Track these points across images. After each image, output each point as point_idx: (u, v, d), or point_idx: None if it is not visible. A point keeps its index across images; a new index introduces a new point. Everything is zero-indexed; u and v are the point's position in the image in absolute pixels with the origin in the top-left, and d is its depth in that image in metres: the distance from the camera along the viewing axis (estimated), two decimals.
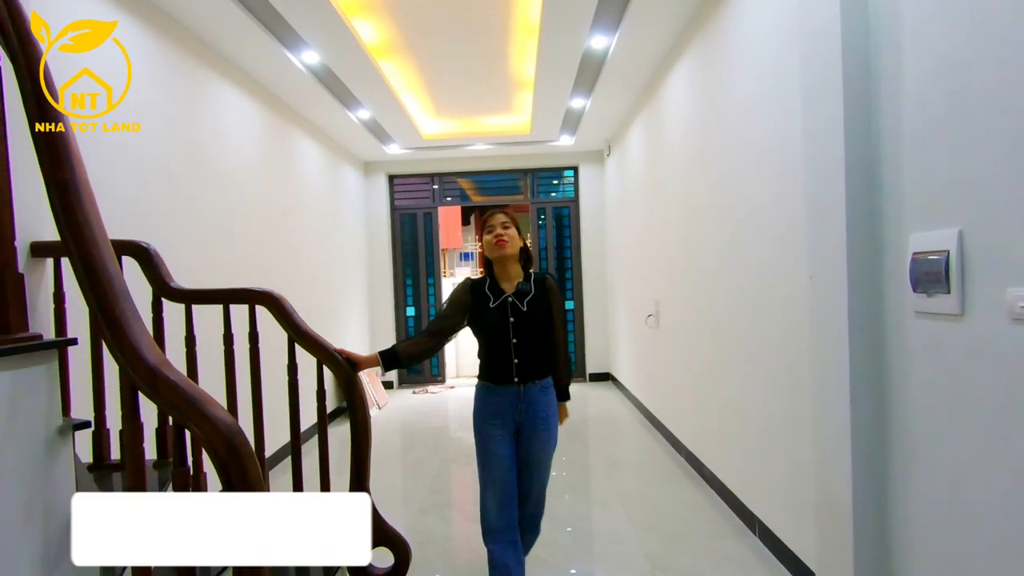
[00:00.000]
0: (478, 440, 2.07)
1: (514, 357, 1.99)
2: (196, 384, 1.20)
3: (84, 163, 1.22)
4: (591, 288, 7.02)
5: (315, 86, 4.22)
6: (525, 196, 7.23)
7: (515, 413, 2.02)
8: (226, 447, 1.09)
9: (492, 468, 2.02)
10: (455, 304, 2.09)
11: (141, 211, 2.82)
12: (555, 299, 2.09)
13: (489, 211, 2.11)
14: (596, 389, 6.61)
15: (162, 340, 2.05)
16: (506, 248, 2.00)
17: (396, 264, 7.21)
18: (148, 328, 2.02)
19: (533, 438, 2.03)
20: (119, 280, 1.17)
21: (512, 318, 2.01)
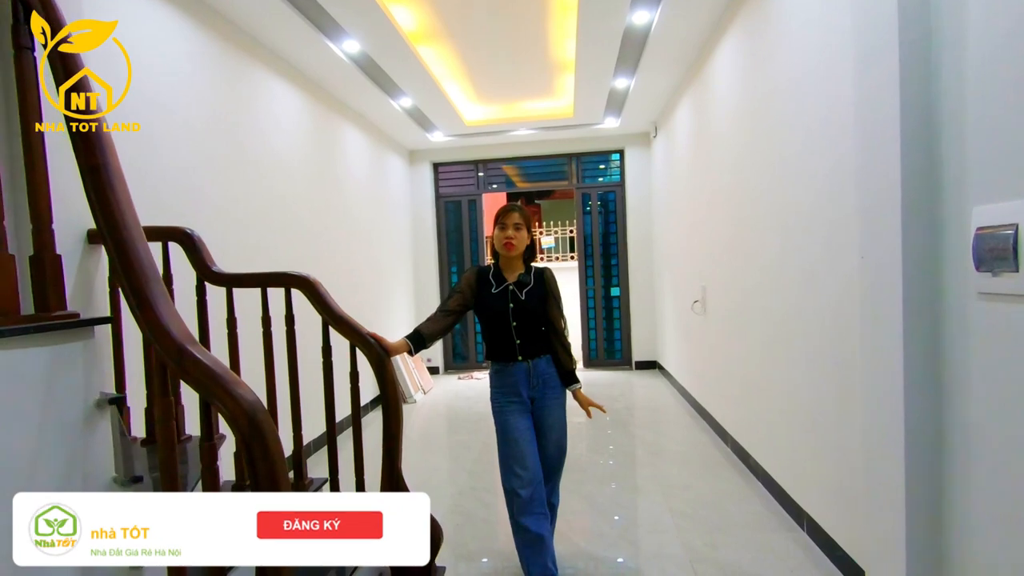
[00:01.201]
0: (498, 419, 2.20)
1: (516, 338, 2.17)
2: (224, 364, 1.23)
3: (116, 151, 1.26)
4: (638, 274, 6.87)
5: (357, 75, 4.28)
6: (570, 181, 7.13)
7: (529, 387, 2.18)
8: (248, 423, 1.11)
9: (516, 444, 2.13)
10: (464, 286, 2.25)
11: (190, 200, 2.95)
12: (552, 292, 2.26)
13: (504, 207, 2.21)
14: (642, 377, 6.49)
15: (205, 322, 2.14)
16: (512, 251, 2.19)
17: (441, 251, 7.29)
18: (192, 310, 2.13)
19: (544, 400, 2.21)
20: (149, 262, 1.22)
21: (512, 304, 2.18)
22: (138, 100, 2.62)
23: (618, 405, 5.30)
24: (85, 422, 1.18)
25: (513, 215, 2.19)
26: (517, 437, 2.14)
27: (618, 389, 6.00)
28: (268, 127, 3.73)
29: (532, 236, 2.26)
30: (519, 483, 2.09)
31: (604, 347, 7.11)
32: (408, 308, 6.78)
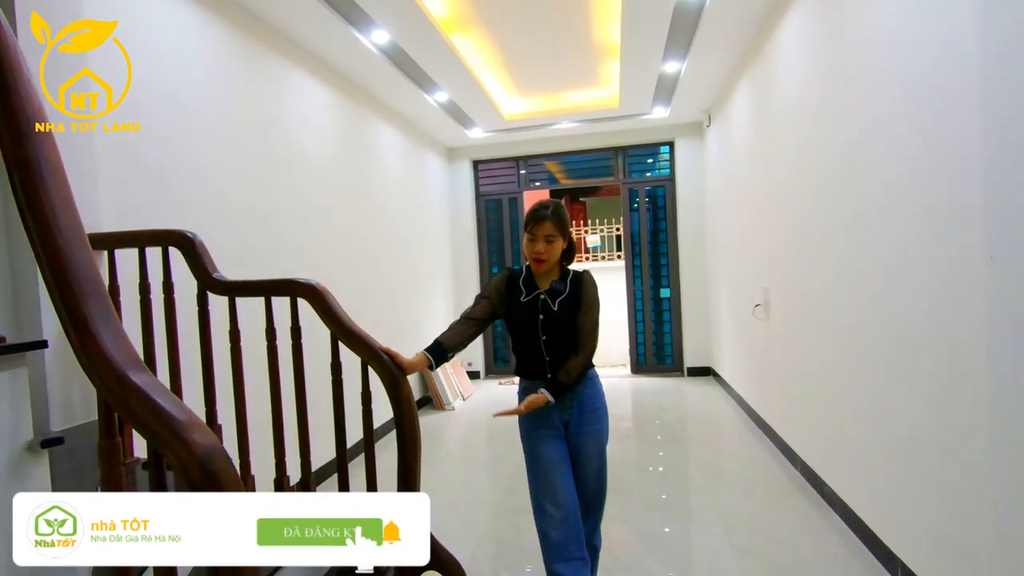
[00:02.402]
0: (526, 446, 1.93)
1: (545, 354, 1.89)
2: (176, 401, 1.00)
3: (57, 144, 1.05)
4: (690, 274, 6.42)
5: (389, 68, 4.08)
6: (616, 177, 6.75)
7: (561, 411, 1.89)
8: (201, 473, 0.89)
9: (546, 475, 1.84)
10: (492, 291, 1.99)
11: (214, 201, 2.80)
12: (587, 299, 1.92)
13: (535, 210, 1.88)
14: (696, 385, 6.05)
15: (208, 335, 1.95)
16: (543, 268, 1.89)
17: (482, 252, 7.06)
18: (193, 322, 1.94)
19: (581, 432, 1.90)
20: (88, 274, 1.00)
21: (542, 315, 1.89)
22: (156, 98, 2.49)
23: (668, 416, 4.91)
24: (11, 471, 0.97)
25: (545, 225, 1.84)
26: (548, 468, 1.84)
27: (668, 398, 5.59)
28: (296, 124, 3.58)
29: (570, 238, 1.94)
30: (551, 523, 1.79)
31: (653, 352, 6.70)
32: (447, 311, 6.58)
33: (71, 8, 1.73)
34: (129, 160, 2.32)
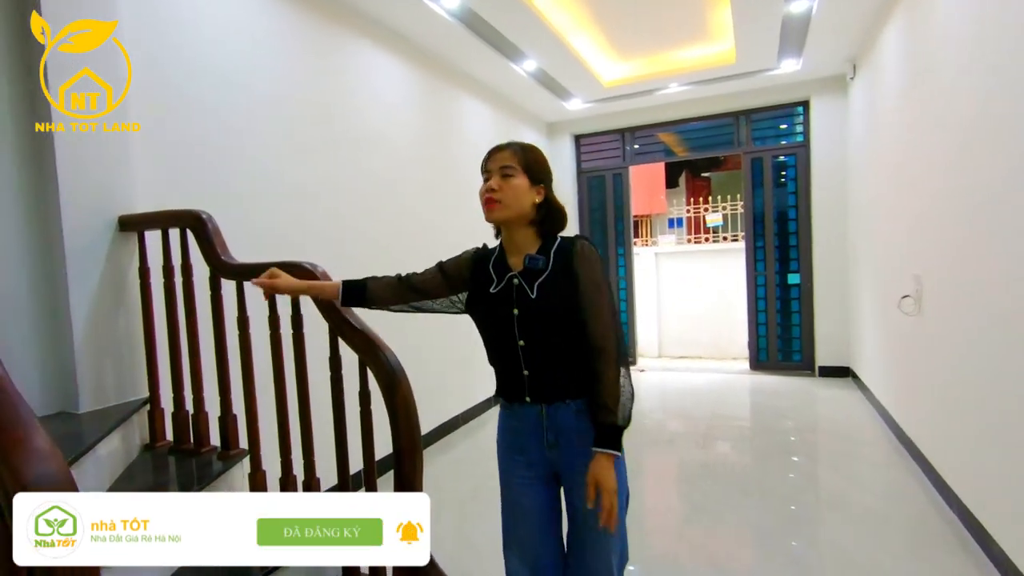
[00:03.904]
0: (500, 479, 1.45)
1: (523, 367, 1.32)
2: (21, 409, 0.83)
3: None
4: (826, 258, 5.45)
5: (465, 36, 3.82)
6: (738, 145, 5.91)
7: (543, 445, 1.34)
8: None
9: (513, 523, 1.39)
10: (451, 267, 1.45)
11: (269, 184, 2.76)
12: (586, 274, 1.31)
13: (491, 148, 1.40)
14: (828, 388, 5.15)
15: (221, 321, 1.85)
16: (496, 211, 1.32)
17: (583, 233, 6.63)
18: (206, 309, 1.84)
19: (573, 483, 1.33)
20: None
21: (516, 309, 1.31)
22: (210, 77, 2.47)
23: (788, 423, 4.19)
24: None
25: (500, 154, 1.35)
26: (520, 517, 1.37)
27: (792, 401, 4.81)
28: (365, 101, 3.46)
29: (548, 189, 1.38)
30: None
31: (778, 347, 5.84)
32: None
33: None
34: (179, 142, 2.31)
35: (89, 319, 1.86)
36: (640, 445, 3.89)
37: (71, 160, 1.81)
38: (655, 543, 2.54)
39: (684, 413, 4.63)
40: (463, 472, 3.50)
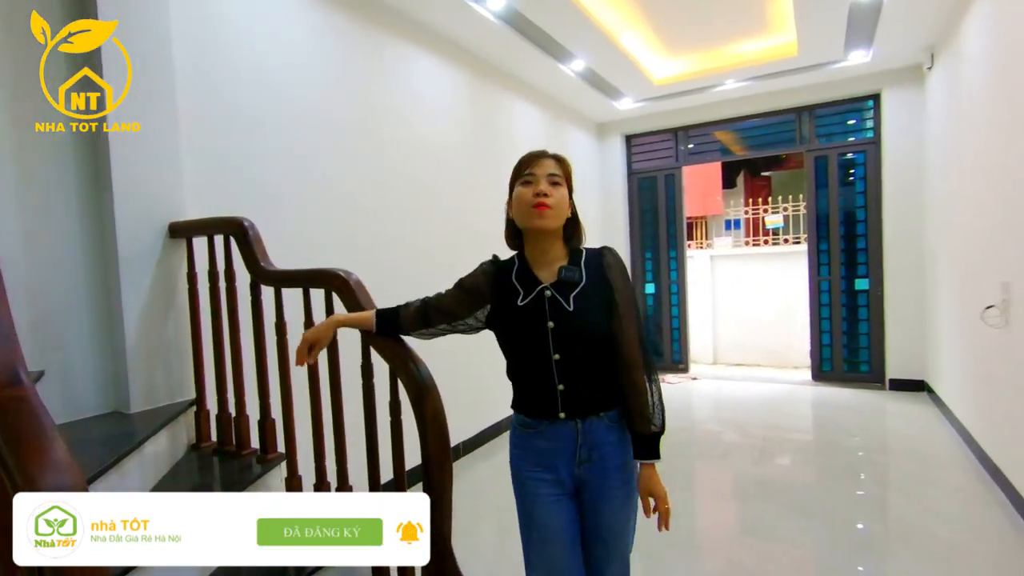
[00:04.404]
0: (517, 495, 1.37)
1: (557, 381, 1.27)
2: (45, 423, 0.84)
3: None
4: (898, 263, 5.07)
5: (511, 36, 3.78)
6: (800, 143, 5.60)
7: (574, 463, 1.30)
8: None
9: (539, 544, 1.31)
10: (472, 293, 1.38)
11: (307, 189, 2.79)
12: (619, 287, 1.31)
13: (527, 155, 1.36)
14: (900, 402, 4.78)
15: (260, 326, 1.88)
16: (547, 218, 1.28)
17: (633, 236, 6.47)
18: (246, 314, 1.87)
19: (604, 499, 1.30)
20: None
21: (551, 322, 1.27)
22: (258, 87, 2.53)
23: (852, 440, 3.90)
24: None
25: (546, 162, 1.32)
26: (546, 538, 1.29)
27: (858, 416, 4.48)
28: (409, 105, 3.47)
29: (573, 204, 1.36)
30: None
31: (843, 357, 5.47)
32: None
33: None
34: (226, 149, 2.38)
35: (141, 323, 1.93)
36: (690, 457, 3.72)
37: (125, 170, 1.89)
38: (704, 563, 2.41)
39: (739, 425, 4.41)
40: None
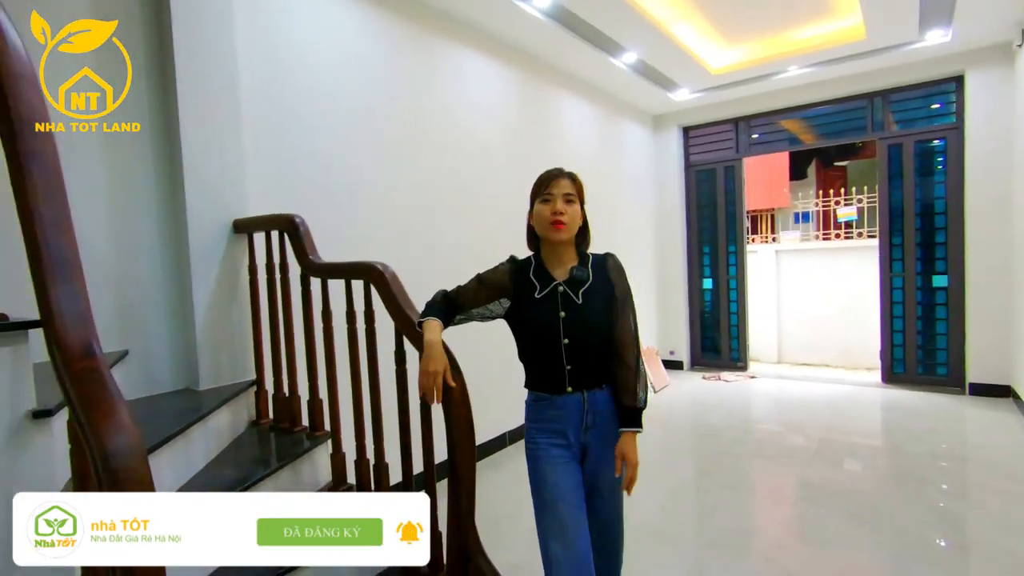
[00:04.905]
0: (531, 466, 1.56)
1: (566, 362, 1.50)
2: (115, 393, 0.99)
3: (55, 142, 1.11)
4: (983, 258, 4.69)
5: (559, 33, 3.80)
6: (870, 130, 5.28)
7: (580, 429, 1.52)
8: (104, 469, 0.87)
9: (554, 506, 1.47)
10: (492, 286, 1.58)
11: (356, 187, 2.92)
12: (619, 284, 1.57)
13: (548, 172, 1.58)
14: (981, 408, 4.43)
15: (310, 315, 2.05)
16: (563, 233, 1.52)
17: (691, 230, 6.33)
18: (296, 303, 2.05)
19: (604, 457, 1.52)
20: (61, 260, 1.04)
21: (563, 312, 1.51)
22: (312, 91, 2.70)
23: (920, 447, 3.67)
24: (11, 435, 1.09)
25: (562, 181, 1.54)
26: (557, 497, 1.47)
27: (931, 421, 4.20)
28: (457, 104, 3.58)
29: (584, 214, 1.59)
30: (557, 568, 1.43)
31: (918, 358, 5.13)
32: (648, 295, 6.09)
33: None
34: (283, 150, 2.57)
35: (209, 310, 2.15)
36: (739, 456, 3.64)
37: (195, 171, 2.11)
38: (741, 561, 2.38)
39: (796, 426, 4.25)
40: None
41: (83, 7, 1.97)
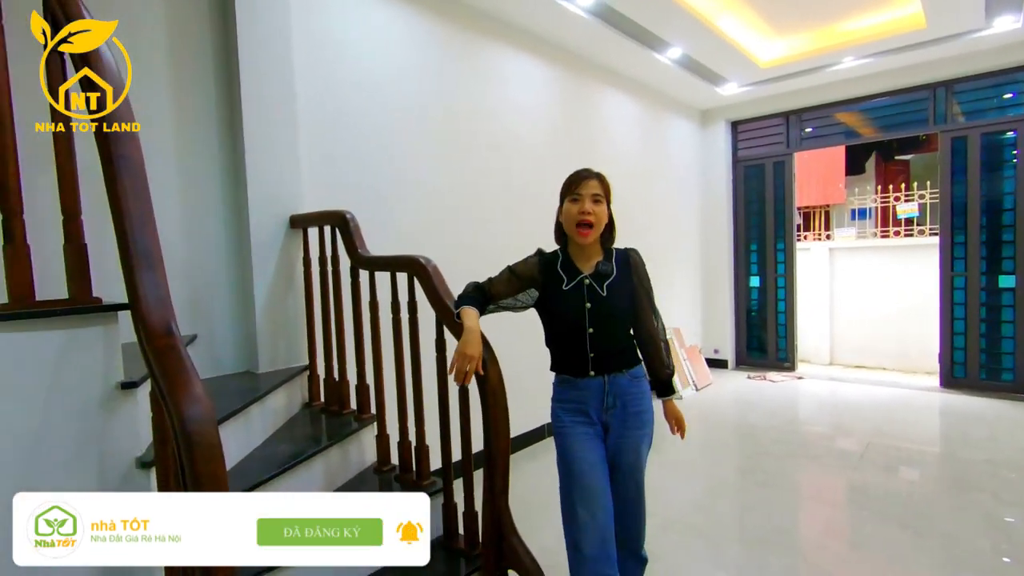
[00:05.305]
0: (558, 442, 1.67)
1: (589, 350, 1.61)
2: (190, 367, 1.13)
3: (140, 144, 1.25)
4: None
5: (603, 30, 3.82)
6: (933, 123, 5.03)
7: (601, 409, 1.63)
8: (183, 436, 1.00)
9: (577, 474, 1.58)
10: (523, 271, 1.68)
11: (402, 187, 3.05)
12: (641, 280, 1.71)
13: (577, 172, 1.67)
14: None
15: (358, 305, 2.18)
16: (589, 236, 1.63)
17: (738, 227, 6.20)
18: (346, 294, 2.19)
19: (623, 436, 1.63)
20: (146, 251, 1.18)
21: (589, 303, 1.62)
22: (362, 93, 2.83)
23: (977, 455, 3.52)
24: (104, 403, 1.25)
25: (591, 183, 1.63)
26: (585, 470, 1.57)
27: (992, 428, 4.01)
28: (502, 104, 3.65)
29: (611, 211, 1.68)
30: (583, 533, 1.54)
31: (981, 362, 4.88)
32: (693, 293, 6.02)
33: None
34: (336, 150, 2.72)
35: (267, 300, 2.33)
36: (779, 456, 3.59)
37: (256, 169, 2.29)
38: (774, 558, 2.38)
39: (843, 428, 4.14)
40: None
41: (160, 27, 2.17)
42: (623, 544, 1.65)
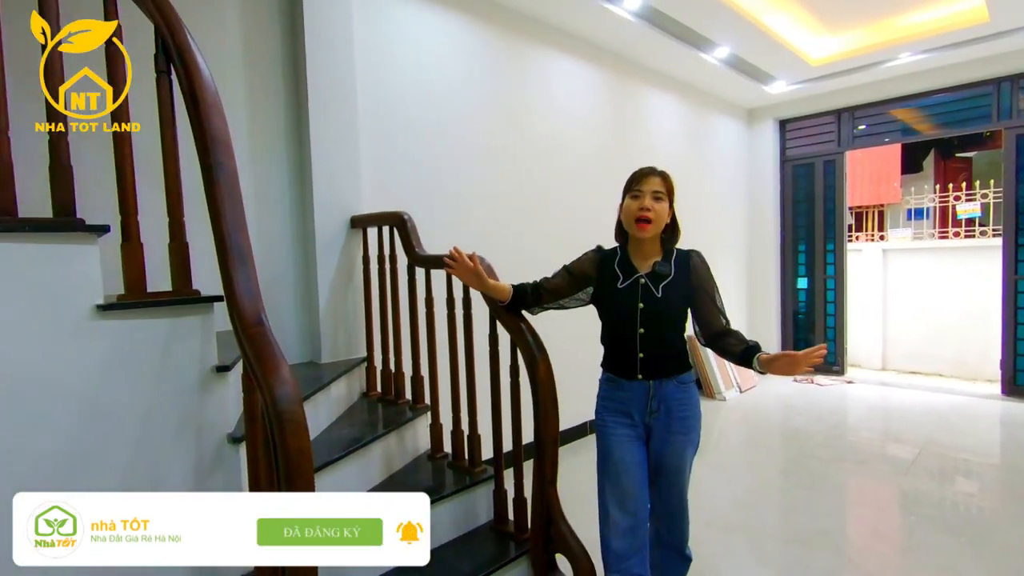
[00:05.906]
0: (599, 442, 1.71)
1: (639, 350, 1.60)
2: (277, 352, 1.25)
3: (233, 149, 1.40)
4: None
5: (650, 32, 3.85)
6: (996, 119, 4.83)
7: (645, 412, 1.63)
8: (274, 414, 1.12)
9: (614, 475, 1.63)
10: (577, 269, 1.71)
11: (472, 188, 3.20)
12: (703, 282, 1.64)
13: (638, 170, 1.67)
14: None
15: (414, 300, 2.31)
16: (647, 231, 1.61)
17: (786, 227, 6.10)
18: (402, 289, 2.32)
19: (667, 441, 1.62)
20: (239, 249, 1.33)
21: (642, 303, 1.60)
22: (417, 98, 2.97)
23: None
24: (201, 384, 1.40)
25: (653, 180, 1.63)
26: (621, 470, 1.61)
27: None
28: (550, 106, 3.73)
29: (673, 210, 1.67)
30: (615, 531, 1.58)
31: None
32: (737, 294, 5.95)
33: (361, 11, 2.13)
34: (393, 153, 2.87)
35: (330, 294, 2.49)
36: (825, 459, 3.55)
37: (320, 171, 2.45)
38: (818, 558, 2.38)
39: (894, 434, 4.04)
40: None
41: (236, 38, 2.36)
42: (667, 544, 1.69)
